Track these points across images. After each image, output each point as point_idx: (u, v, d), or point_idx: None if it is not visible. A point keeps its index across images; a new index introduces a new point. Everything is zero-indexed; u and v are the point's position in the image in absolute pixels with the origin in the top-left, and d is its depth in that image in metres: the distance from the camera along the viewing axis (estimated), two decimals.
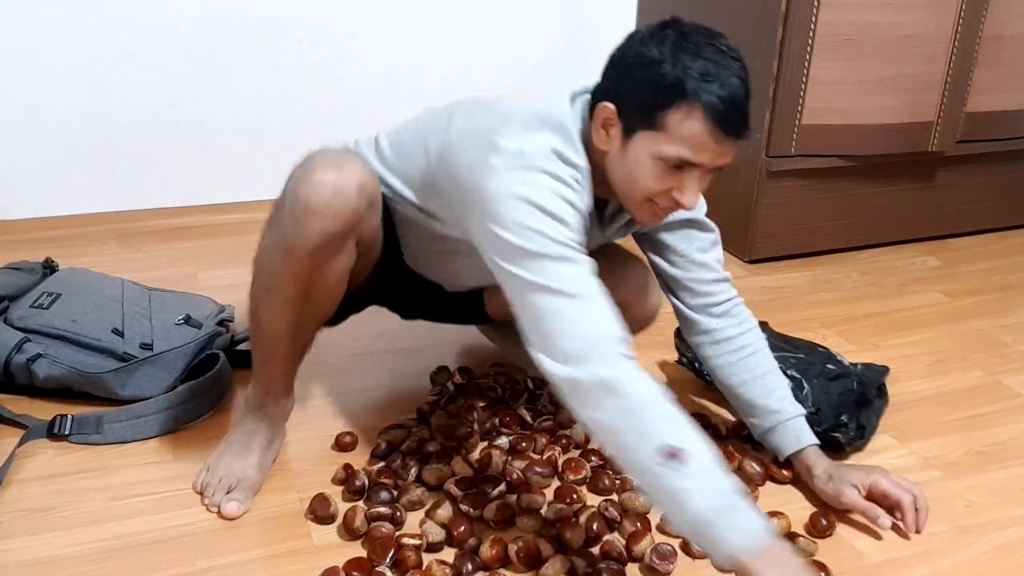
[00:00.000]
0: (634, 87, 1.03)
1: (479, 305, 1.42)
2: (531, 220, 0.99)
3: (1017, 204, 2.43)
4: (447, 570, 1.06)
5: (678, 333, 1.50)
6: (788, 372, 1.43)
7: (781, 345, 1.49)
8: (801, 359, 1.45)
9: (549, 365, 0.96)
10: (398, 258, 1.29)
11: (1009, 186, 2.39)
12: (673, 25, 1.04)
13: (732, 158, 1.05)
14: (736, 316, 1.32)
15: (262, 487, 1.23)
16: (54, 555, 1.10)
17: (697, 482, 0.90)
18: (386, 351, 1.62)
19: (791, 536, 1.16)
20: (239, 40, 2.16)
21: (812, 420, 1.36)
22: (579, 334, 0.96)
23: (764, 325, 1.55)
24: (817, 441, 1.27)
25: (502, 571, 1.09)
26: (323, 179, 1.05)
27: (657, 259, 1.30)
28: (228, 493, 1.19)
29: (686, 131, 1.00)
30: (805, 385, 1.40)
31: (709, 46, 1.02)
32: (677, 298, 1.32)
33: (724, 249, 2.13)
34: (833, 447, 1.35)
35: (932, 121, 2.10)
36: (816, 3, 1.89)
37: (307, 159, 1.09)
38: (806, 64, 1.94)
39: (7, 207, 2.10)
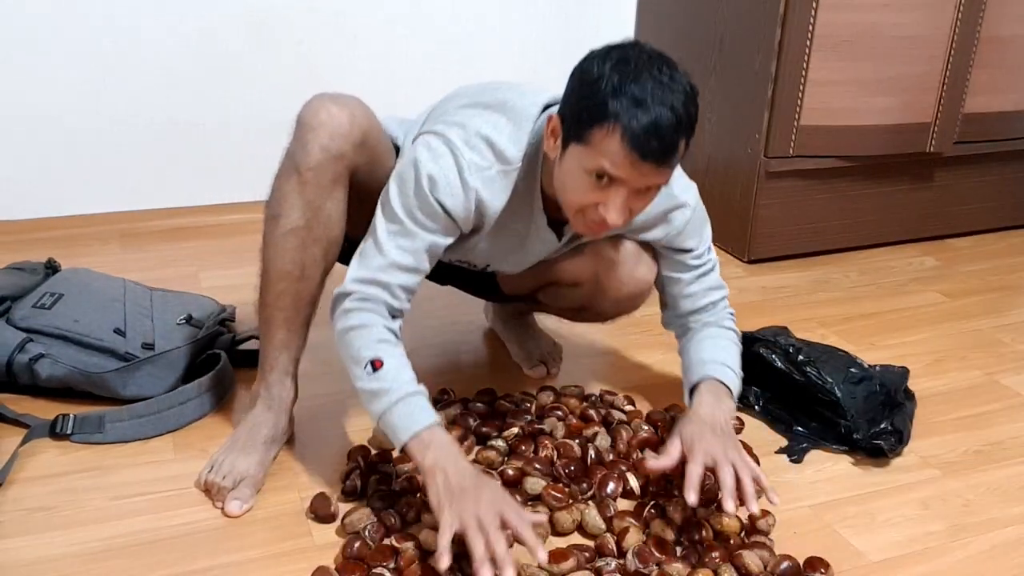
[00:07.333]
0: (574, 101, 1.07)
1: (495, 284, 1.51)
2: (406, 184, 1.15)
3: (1015, 204, 2.44)
4: (451, 574, 1.07)
5: None
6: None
7: (805, 350, 1.47)
8: (825, 364, 1.45)
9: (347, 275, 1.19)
10: None
11: (1007, 187, 2.40)
12: (624, 47, 1.06)
13: (661, 181, 1.07)
14: (706, 328, 1.36)
15: (264, 485, 1.24)
16: (55, 554, 1.10)
17: (384, 384, 1.11)
18: None
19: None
20: (241, 41, 2.16)
21: (848, 428, 1.37)
22: (363, 263, 1.17)
23: (784, 331, 1.55)
24: (722, 382, 1.28)
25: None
26: (320, 104, 1.18)
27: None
28: (231, 490, 1.20)
29: (605, 147, 1.03)
30: (837, 391, 1.40)
31: (649, 72, 1.03)
32: (663, 306, 1.41)
33: (723, 249, 2.18)
34: (875, 454, 1.36)
35: (930, 122, 2.11)
36: (814, 4, 1.90)
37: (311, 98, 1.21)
38: (804, 65, 1.95)
39: (9, 207, 2.11)
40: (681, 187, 1.29)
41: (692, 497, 1.11)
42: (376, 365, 1.11)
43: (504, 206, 1.19)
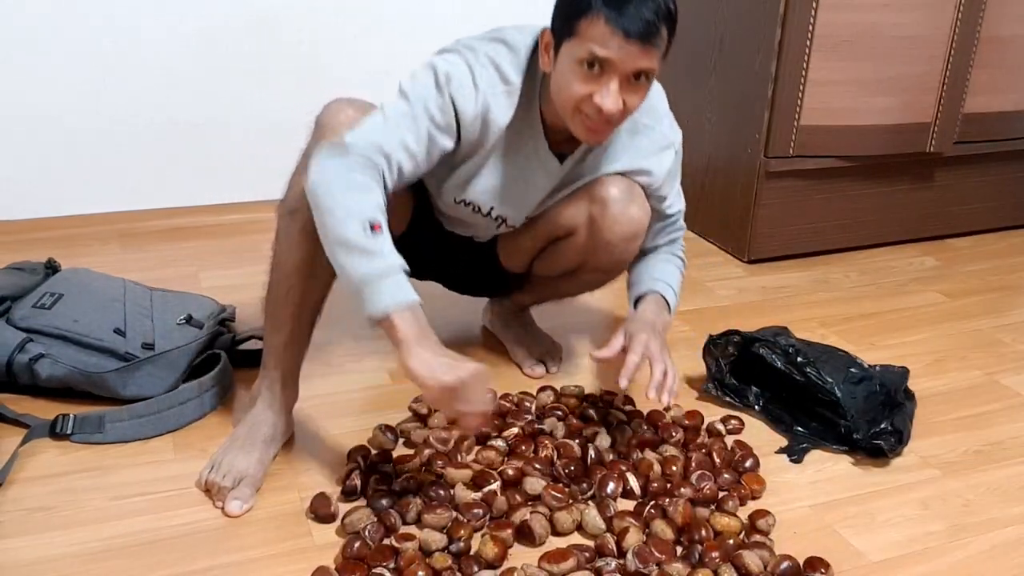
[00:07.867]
0: (560, 9, 1.17)
1: (497, 261, 1.55)
2: (420, 78, 1.21)
3: (1015, 204, 2.44)
4: (451, 574, 1.07)
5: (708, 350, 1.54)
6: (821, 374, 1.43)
7: (805, 350, 1.47)
8: (825, 364, 1.44)
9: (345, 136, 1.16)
10: (438, 228, 1.46)
11: (1006, 186, 2.40)
12: None
13: (648, 65, 1.13)
14: (658, 252, 1.47)
15: (264, 485, 1.24)
16: (55, 554, 1.10)
17: (381, 248, 1.09)
18: (386, 351, 1.62)
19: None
20: (241, 40, 2.16)
21: (848, 428, 1.37)
22: (367, 130, 1.17)
23: (784, 331, 1.55)
24: (665, 299, 1.39)
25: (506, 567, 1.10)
26: (339, 107, 1.23)
27: None
28: (231, 490, 1.20)
29: (592, 32, 1.11)
30: (837, 391, 1.40)
31: None
32: None
33: (723, 249, 2.18)
34: (875, 454, 1.36)
35: (930, 122, 2.11)
36: (814, 4, 1.90)
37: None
38: (804, 65, 1.95)
39: (9, 207, 2.11)
40: (672, 128, 1.38)
41: (624, 382, 1.25)
42: (375, 228, 1.10)
43: (508, 125, 1.26)
